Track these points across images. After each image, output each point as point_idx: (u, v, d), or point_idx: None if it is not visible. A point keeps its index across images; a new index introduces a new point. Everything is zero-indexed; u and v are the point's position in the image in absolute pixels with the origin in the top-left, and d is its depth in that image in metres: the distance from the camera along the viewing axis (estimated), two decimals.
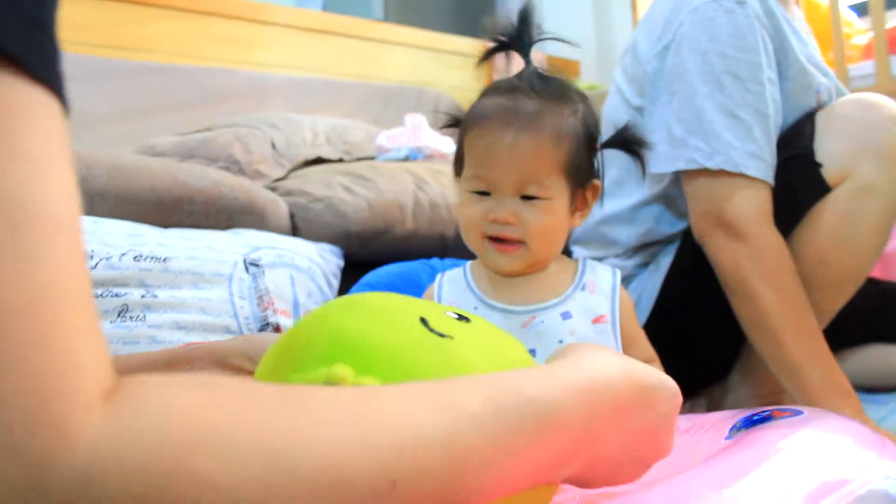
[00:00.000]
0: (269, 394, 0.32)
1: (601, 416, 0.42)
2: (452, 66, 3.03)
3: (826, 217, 1.21)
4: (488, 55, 0.88)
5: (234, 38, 2.55)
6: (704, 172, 1.19)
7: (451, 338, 0.48)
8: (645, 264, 1.35)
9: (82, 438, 0.26)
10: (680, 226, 1.30)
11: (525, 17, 0.85)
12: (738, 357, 1.34)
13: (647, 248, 1.35)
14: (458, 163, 0.87)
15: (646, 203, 1.33)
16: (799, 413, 0.51)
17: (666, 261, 1.30)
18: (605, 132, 0.89)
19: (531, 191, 0.80)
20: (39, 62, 0.28)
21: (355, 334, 0.46)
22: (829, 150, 1.22)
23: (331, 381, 0.40)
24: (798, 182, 1.22)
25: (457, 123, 0.89)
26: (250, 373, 0.64)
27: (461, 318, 0.52)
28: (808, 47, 1.31)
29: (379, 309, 0.49)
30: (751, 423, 0.52)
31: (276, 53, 2.67)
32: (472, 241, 0.85)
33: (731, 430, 0.52)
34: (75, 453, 0.26)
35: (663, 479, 0.44)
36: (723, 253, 1.17)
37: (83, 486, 0.25)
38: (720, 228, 1.18)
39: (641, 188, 1.32)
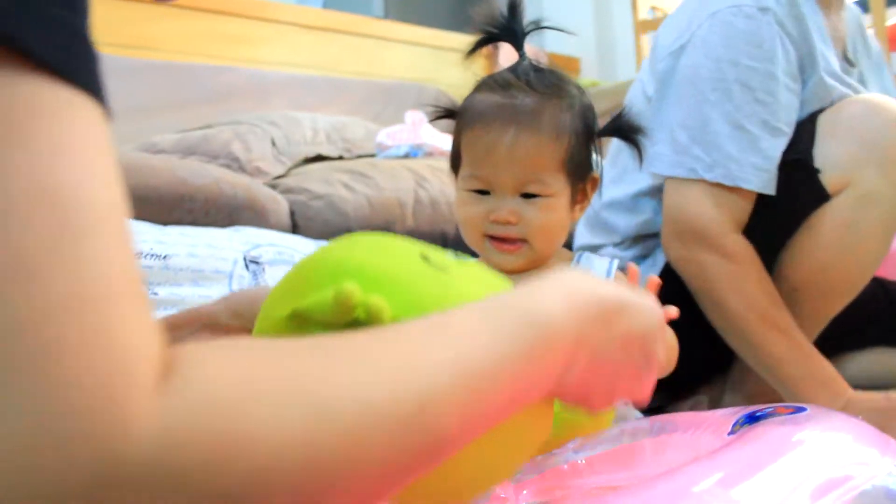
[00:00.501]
0: (297, 348, 0.34)
1: (589, 322, 0.45)
2: (453, 64, 3.01)
3: (827, 225, 1.20)
4: (477, 46, 0.86)
5: (236, 35, 2.55)
6: (690, 182, 1.20)
7: (449, 272, 0.50)
8: (643, 257, 1.35)
9: (147, 417, 0.27)
10: None
11: (514, 8, 0.84)
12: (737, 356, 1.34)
13: (644, 241, 1.34)
14: (455, 159, 0.86)
15: (646, 193, 1.32)
16: (802, 410, 0.51)
17: (662, 256, 1.30)
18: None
19: (532, 189, 0.80)
20: (80, 70, 0.29)
21: (359, 262, 0.49)
22: (829, 154, 1.20)
23: (339, 300, 0.43)
24: (795, 188, 1.20)
25: (449, 115, 0.87)
26: (241, 330, 0.64)
27: (457, 258, 0.55)
28: (830, 60, 1.27)
29: (380, 244, 0.52)
30: (753, 419, 0.52)
31: (277, 51, 2.67)
32: (472, 240, 0.84)
33: (734, 426, 0.52)
34: (143, 431, 0.27)
35: (667, 474, 0.44)
36: (690, 263, 1.19)
37: (156, 462, 0.27)
38: (688, 237, 1.19)
39: (645, 177, 1.30)
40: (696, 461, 0.45)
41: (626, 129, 0.88)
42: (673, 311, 0.70)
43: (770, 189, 1.18)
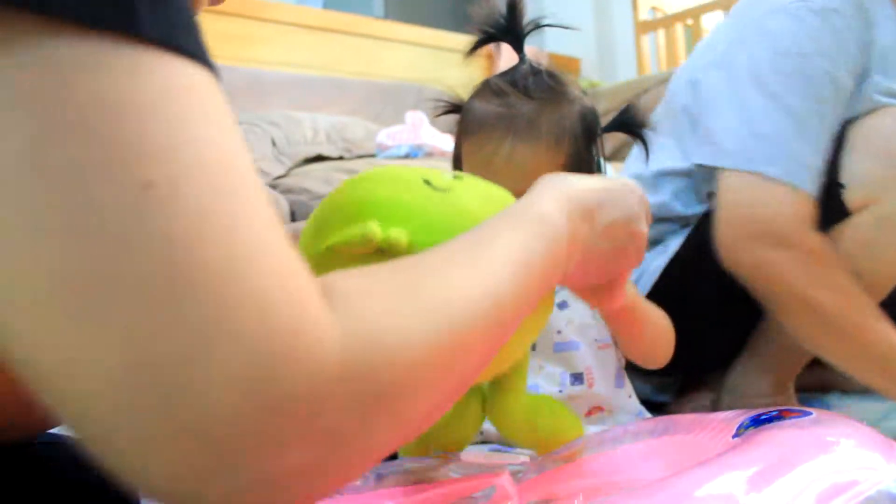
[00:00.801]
0: (404, 268, 0.42)
1: (577, 220, 0.55)
2: (453, 64, 3.02)
3: (844, 244, 1.15)
4: (476, 46, 0.85)
5: (235, 35, 2.55)
6: (754, 176, 1.13)
7: (452, 191, 0.59)
8: (654, 242, 1.33)
9: (333, 335, 0.33)
10: (693, 210, 1.26)
11: (513, 7, 0.83)
12: (742, 355, 1.33)
13: (658, 224, 1.31)
14: (457, 165, 0.86)
15: (672, 174, 1.28)
16: (807, 414, 0.51)
17: (674, 244, 1.27)
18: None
19: None
20: (201, 49, 0.34)
21: (374, 198, 0.57)
22: (855, 170, 1.14)
23: (365, 237, 0.52)
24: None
25: (454, 110, 0.87)
26: None
27: (455, 177, 0.62)
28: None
29: (388, 177, 0.60)
30: (758, 422, 0.52)
31: (277, 51, 2.67)
32: None
33: (739, 428, 0.52)
34: (333, 345, 0.32)
35: (671, 477, 0.44)
36: (769, 266, 1.11)
37: (346, 368, 0.32)
38: (767, 239, 1.11)
39: (673, 157, 1.27)
40: (701, 464, 0.44)
41: (631, 125, 0.87)
42: None
43: (815, 190, 1.12)
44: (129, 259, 0.28)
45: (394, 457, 0.66)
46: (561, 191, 0.55)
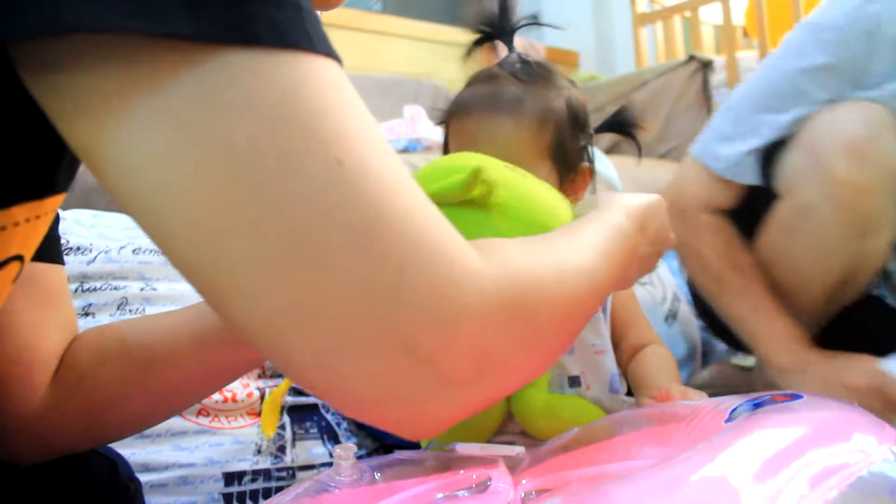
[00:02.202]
0: (524, 239, 0.53)
1: (635, 226, 0.66)
2: (451, 58, 3.01)
3: (771, 225, 1.25)
4: (474, 46, 0.87)
5: None
6: (690, 159, 1.37)
7: (528, 177, 0.72)
8: None
9: (485, 268, 0.41)
10: None
11: (504, 5, 0.85)
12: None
13: None
14: (445, 152, 0.87)
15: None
16: (798, 397, 0.51)
17: None
18: None
19: None
20: (325, 42, 0.40)
21: (476, 160, 0.68)
22: (785, 160, 1.23)
23: (469, 179, 0.64)
24: (768, 184, 1.26)
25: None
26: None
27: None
28: None
29: (481, 156, 0.71)
30: (751, 406, 0.52)
31: None
32: None
33: (731, 413, 0.53)
34: (490, 276, 0.41)
35: (664, 462, 0.44)
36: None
37: (503, 294, 0.42)
38: (670, 209, 1.21)
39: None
40: (694, 450, 0.45)
41: (623, 125, 0.88)
42: None
43: (738, 178, 1.28)
44: (336, 219, 0.37)
45: (389, 451, 0.67)
46: (621, 206, 0.67)
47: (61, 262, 0.67)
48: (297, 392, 1.19)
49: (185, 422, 1.08)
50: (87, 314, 1.11)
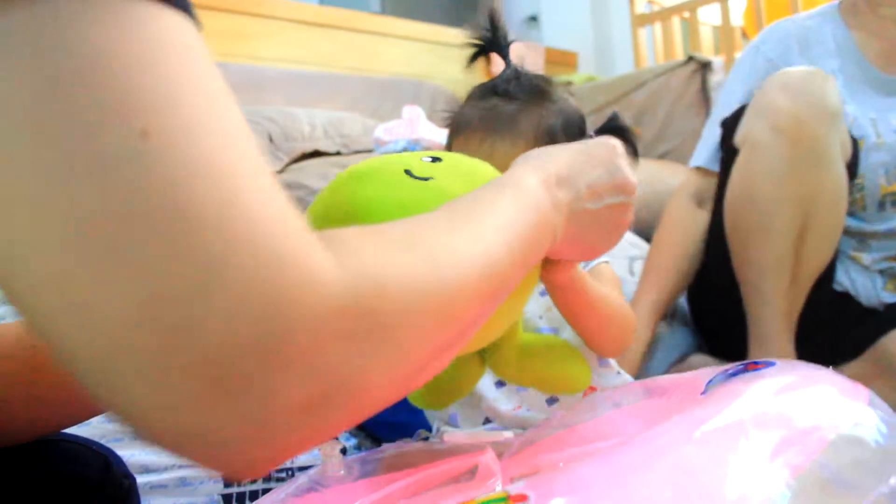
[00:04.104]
0: (402, 223, 0.44)
1: (557, 190, 0.57)
2: (450, 59, 3.02)
3: (732, 176, 1.34)
4: (473, 59, 0.89)
5: (231, 31, 2.55)
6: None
7: (434, 178, 0.61)
8: None
9: (331, 266, 0.34)
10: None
11: (494, 23, 0.86)
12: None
13: None
14: None
15: None
16: (771, 364, 0.52)
17: None
18: None
19: None
20: (186, 2, 0.35)
21: (358, 199, 0.59)
22: (744, 118, 1.35)
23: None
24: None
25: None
26: None
27: (434, 159, 0.64)
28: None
29: (369, 174, 0.62)
30: (726, 377, 0.53)
31: (273, 47, 2.67)
32: None
33: (708, 384, 0.53)
34: (335, 277, 0.34)
35: (639, 434, 0.45)
36: None
37: (350, 296, 0.34)
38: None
39: None
40: (666, 421, 0.45)
41: (617, 130, 0.88)
42: None
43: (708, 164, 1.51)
44: (133, 202, 0.30)
45: (378, 443, 0.67)
46: (536, 162, 0.58)
47: None
48: None
49: None
50: None
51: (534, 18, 4.01)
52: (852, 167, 1.31)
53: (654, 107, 2.81)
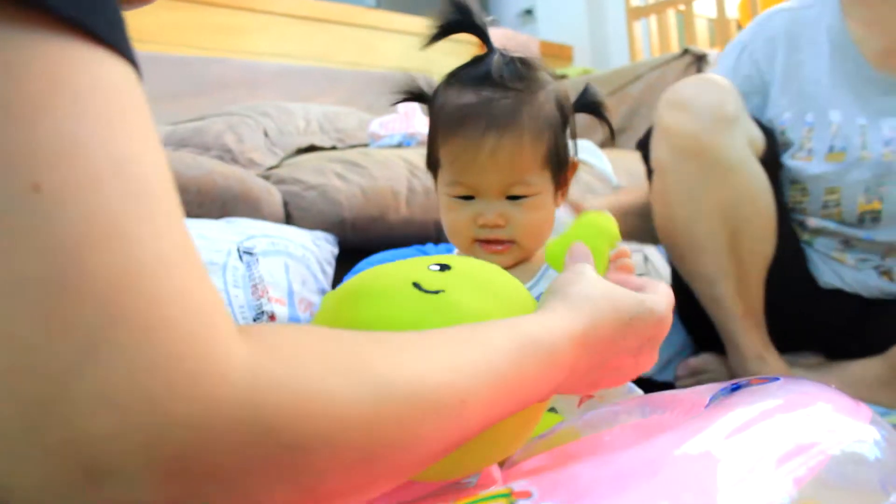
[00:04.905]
0: (361, 336, 0.39)
1: (583, 354, 0.52)
2: (446, 53, 3.01)
3: (653, 205, 1.36)
4: (433, 40, 0.82)
5: (227, 26, 2.54)
6: None
7: (444, 290, 0.55)
8: None
9: (238, 365, 0.30)
10: None
11: (460, 6, 0.80)
12: None
13: None
14: (433, 161, 0.85)
15: None
16: (775, 380, 0.52)
17: None
18: None
19: (517, 191, 0.79)
20: (119, 36, 0.31)
21: (363, 319, 0.53)
22: (652, 139, 1.36)
23: None
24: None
25: (416, 98, 0.85)
26: None
27: (443, 267, 0.58)
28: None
29: (375, 289, 0.56)
30: (729, 391, 0.53)
31: (269, 42, 2.66)
32: (460, 244, 0.83)
33: (711, 399, 0.53)
34: (236, 376, 0.30)
35: (640, 444, 0.45)
36: None
37: (247, 405, 0.30)
38: None
39: None
40: (667, 434, 0.45)
41: (592, 104, 0.86)
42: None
43: None
44: (12, 263, 0.27)
45: None
46: (580, 321, 0.52)
47: None
48: None
49: None
50: None
51: (529, 12, 4.00)
52: (771, 158, 1.32)
53: (649, 100, 2.81)
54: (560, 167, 0.82)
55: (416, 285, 0.55)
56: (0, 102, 0.27)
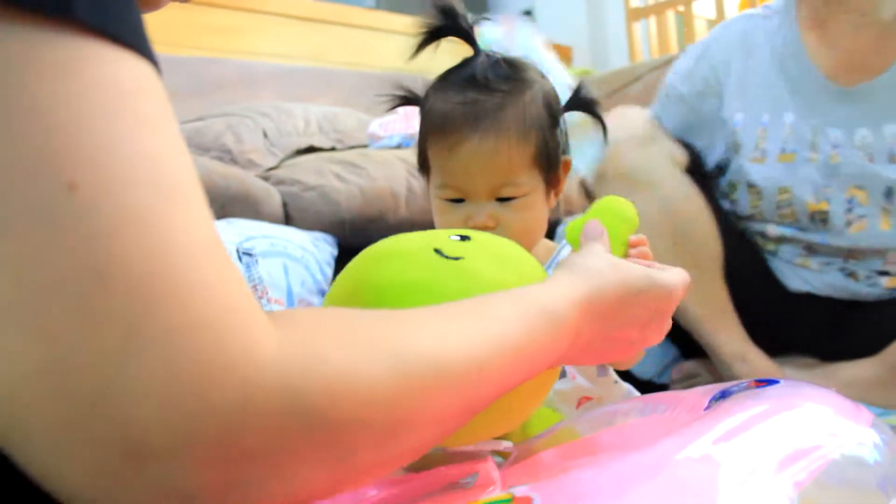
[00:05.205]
0: (380, 315, 0.41)
1: (588, 320, 0.53)
2: (445, 54, 3.01)
3: None
4: (421, 46, 0.83)
5: (225, 27, 2.54)
6: None
7: (464, 258, 0.58)
8: None
9: (272, 349, 0.32)
10: None
11: (446, 10, 0.81)
12: None
13: None
14: (423, 164, 0.85)
15: None
16: (775, 382, 0.52)
17: None
18: None
19: (506, 192, 0.78)
20: (142, 40, 0.33)
21: (386, 281, 0.56)
22: None
23: None
24: None
25: (408, 101, 0.85)
26: None
27: (463, 237, 0.61)
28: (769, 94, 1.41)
29: (398, 253, 0.59)
30: (729, 393, 0.53)
31: (268, 42, 2.66)
32: None
33: (711, 401, 0.53)
34: (270, 361, 0.31)
35: (640, 447, 0.45)
36: None
37: (281, 388, 0.31)
38: None
39: None
40: (668, 437, 0.45)
41: (585, 102, 0.86)
42: None
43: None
44: (53, 260, 0.28)
45: None
46: (584, 288, 0.53)
47: None
48: None
49: None
50: None
51: (528, 12, 4.00)
52: (696, 169, 1.39)
53: (649, 101, 2.80)
54: (550, 166, 0.82)
55: (437, 251, 0.58)
56: (38, 105, 0.29)
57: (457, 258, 0.57)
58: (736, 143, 1.38)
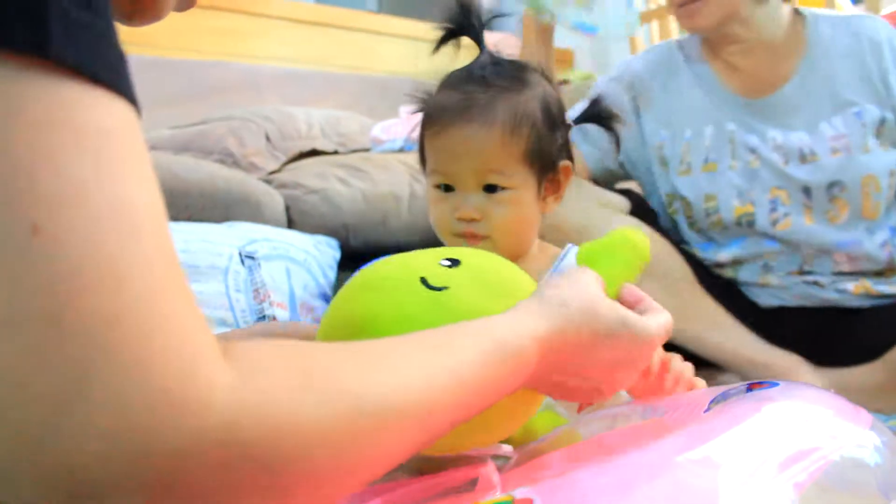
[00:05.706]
0: (335, 350, 0.41)
1: (555, 357, 0.53)
2: (448, 57, 3.01)
3: None
4: (439, 45, 0.86)
5: (228, 30, 2.54)
6: None
7: (449, 287, 0.57)
8: None
9: (221, 392, 0.32)
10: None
11: (464, 5, 0.84)
12: None
13: None
14: (423, 156, 0.86)
15: None
16: (774, 384, 0.52)
17: None
18: None
19: (492, 180, 0.79)
20: (119, 77, 0.32)
21: (371, 313, 0.57)
22: None
23: None
24: None
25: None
26: None
27: (453, 262, 0.61)
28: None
29: (383, 283, 0.59)
30: (729, 396, 0.53)
31: (271, 46, 2.66)
32: (443, 237, 0.84)
33: (711, 403, 0.53)
34: (220, 403, 0.31)
35: (640, 449, 0.45)
36: None
37: (230, 430, 0.31)
38: None
39: None
40: (667, 438, 0.45)
41: (602, 116, 0.87)
42: None
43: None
44: (9, 301, 0.28)
45: None
46: (546, 323, 0.52)
47: None
48: None
49: None
50: None
51: None
52: (642, 210, 1.42)
53: None
54: (545, 166, 0.82)
55: (422, 280, 0.58)
56: (4, 146, 0.29)
57: (441, 288, 0.57)
58: (663, 158, 1.44)
